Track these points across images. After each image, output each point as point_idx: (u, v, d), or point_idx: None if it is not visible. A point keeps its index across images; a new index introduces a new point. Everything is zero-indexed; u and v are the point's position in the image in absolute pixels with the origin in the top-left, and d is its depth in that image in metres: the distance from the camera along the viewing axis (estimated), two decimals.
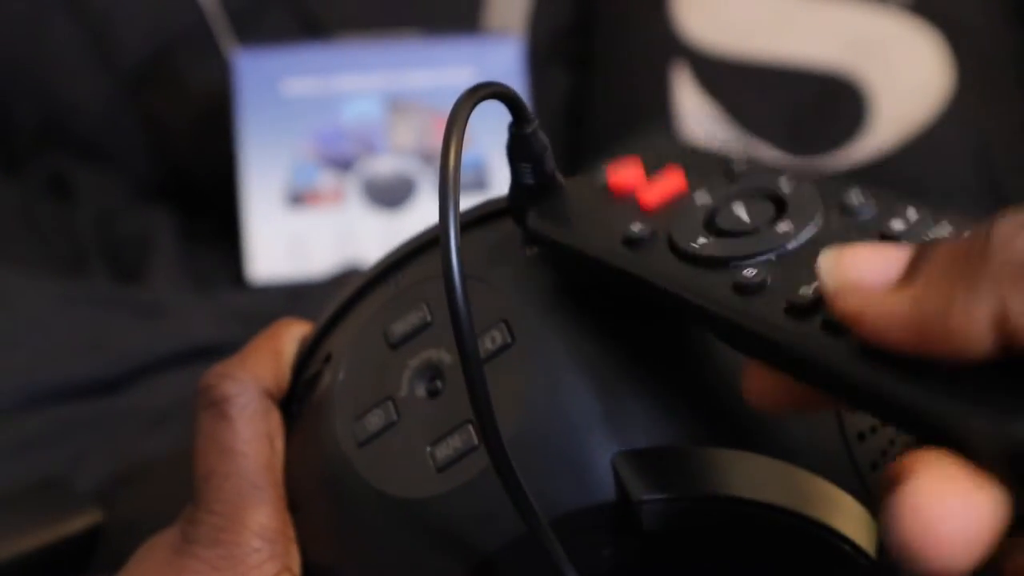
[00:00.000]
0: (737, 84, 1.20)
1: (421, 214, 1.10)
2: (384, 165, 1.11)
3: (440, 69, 1.12)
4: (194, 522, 0.43)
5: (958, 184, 1.17)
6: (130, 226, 1.14)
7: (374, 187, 1.10)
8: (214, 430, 0.44)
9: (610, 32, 1.26)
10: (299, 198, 1.09)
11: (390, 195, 1.11)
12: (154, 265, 1.06)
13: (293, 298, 0.96)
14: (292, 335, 0.46)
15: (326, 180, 1.10)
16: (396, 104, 1.11)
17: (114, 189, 1.22)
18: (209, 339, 0.82)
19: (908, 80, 1.19)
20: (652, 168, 0.42)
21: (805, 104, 1.19)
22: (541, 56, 1.25)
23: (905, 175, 1.17)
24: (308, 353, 0.46)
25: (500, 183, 1.11)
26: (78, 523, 0.53)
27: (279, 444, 0.44)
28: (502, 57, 1.12)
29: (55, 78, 1.22)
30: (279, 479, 0.43)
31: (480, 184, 1.11)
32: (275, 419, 0.44)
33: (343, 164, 1.10)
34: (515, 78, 1.12)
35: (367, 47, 1.13)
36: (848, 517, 0.38)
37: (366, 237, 1.09)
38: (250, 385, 0.44)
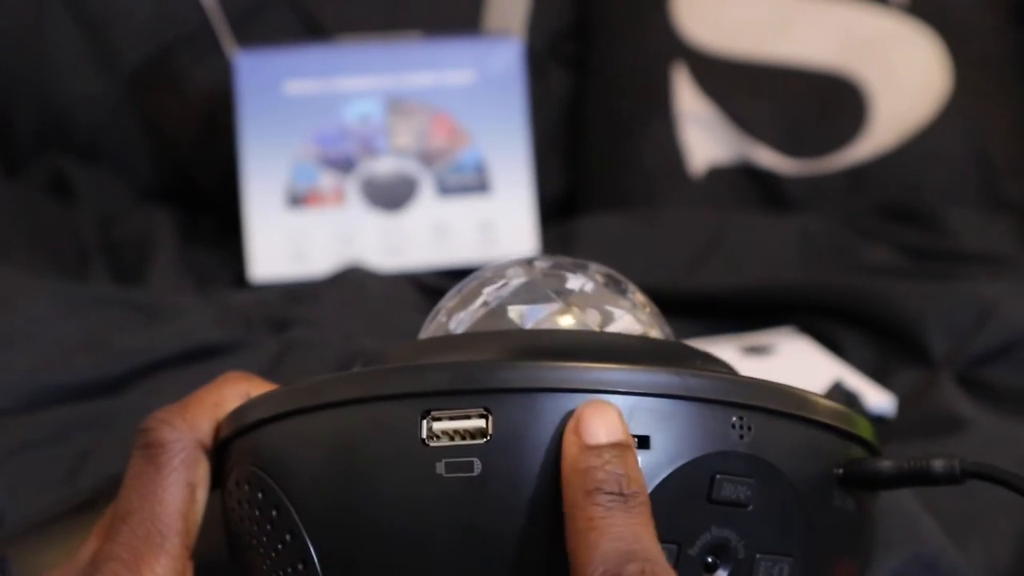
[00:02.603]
0: (736, 84, 1.20)
1: (421, 214, 1.11)
2: (384, 166, 1.11)
3: (440, 70, 1.12)
4: (99, 564, 0.45)
5: (956, 184, 1.17)
6: (131, 226, 1.14)
7: (374, 188, 1.11)
8: (142, 472, 0.46)
9: (610, 33, 1.26)
10: (300, 199, 1.09)
11: (390, 196, 1.11)
12: (155, 265, 1.06)
13: (293, 298, 0.96)
14: (236, 390, 0.48)
15: (326, 181, 1.10)
16: (396, 105, 1.11)
17: (115, 190, 1.22)
18: (210, 339, 0.82)
19: (906, 80, 1.19)
20: None
21: (804, 104, 1.19)
22: (541, 57, 1.25)
23: (903, 175, 1.17)
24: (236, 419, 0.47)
25: (501, 184, 1.11)
26: None
27: (201, 494, 0.47)
28: (502, 58, 1.12)
29: (56, 79, 1.22)
30: (190, 529, 0.46)
31: (482, 186, 1.11)
32: (203, 470, 0.47)
33: (343, 165, 1.10)
34: (515, 79, 1.12)
35: (367, 48, 1.13)
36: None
37: (366, 238, 1.09)
38: (185, 434, 0.46)
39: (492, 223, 1.11)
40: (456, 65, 1.12)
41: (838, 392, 0.77)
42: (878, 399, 0.80)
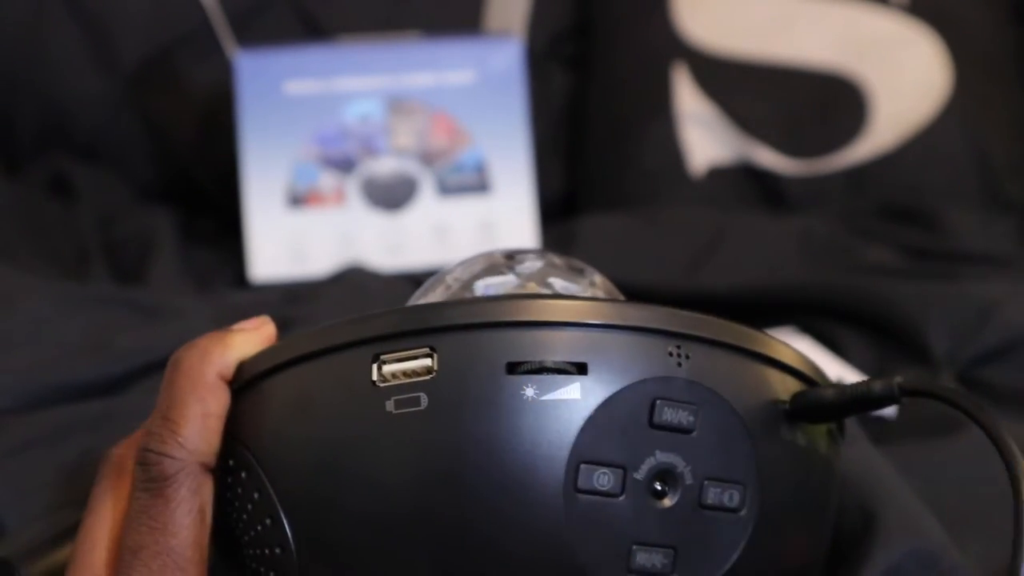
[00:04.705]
0: (737, 84, 1.20)
1: (421, 214, 1.11)
2: (385, 166, 1.11)
3: (440, 70, 1.12)
4: None
5: (956, 184, 1.17)
6: (131, 226, 1.14)
7: (375, 188, 1.11)
8: (149, 506, 0.45)
9: (610, 33, 1.26)
10: (300, 199, 1.09)
11: (391, 196, 1.11)
12: (155, 265, 1.06)
13: (293, 298, 0.96)
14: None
15: (327, 181, 1.10)
16: (397, 105, 1.11)
17: (115, 190, 1.22)
18: None
19: (907, 80, 1.19)
20: None
21: (805, 104, 1.19)
22: (541, 57, 1.25)
23: (904, 175, 1.17)
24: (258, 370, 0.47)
25: (501, 184, 1.11)
26: None
27: (209, 513, 0.46)
28: (502, 58, 1.12)
29: (56, 79, 1.22)
30: (204, 555, 0.46)
31: (482, 186, 1.11)
32: (208, 490, 0.46)
33: (344, 165, 1.10)
34: (515, 79, 1.12)
35: (368, 48, 1.13)
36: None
37: (367, 238, 1.10)
38: (189, 462, 0.46)
39: (492, 223, 1.11)
40: (456, 65, 1.12)
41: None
42: None
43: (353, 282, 1.00)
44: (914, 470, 0.65)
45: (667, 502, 0.43)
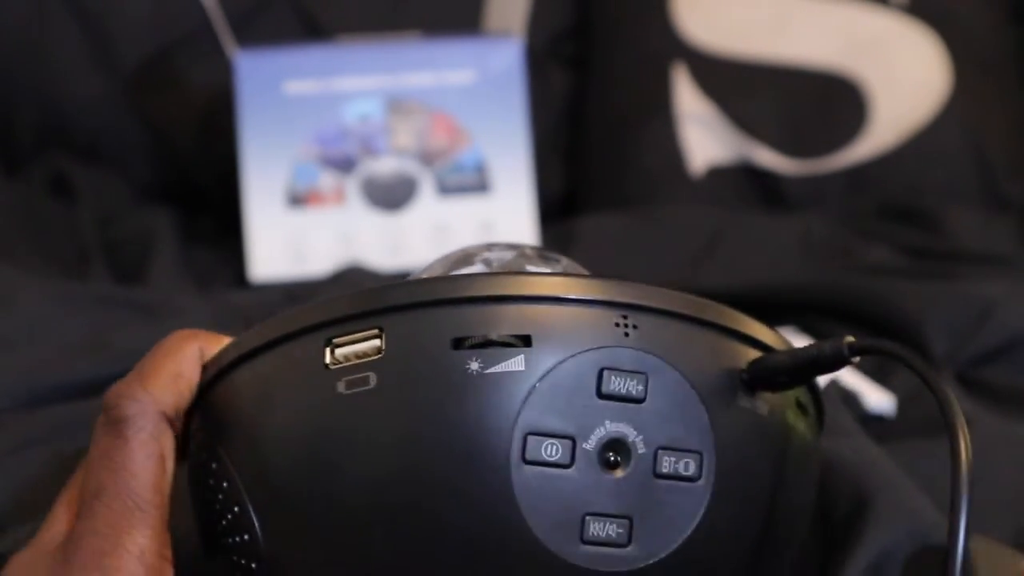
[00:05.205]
0: (737, 84, 1.20)
1: (421, 214, 1.11)
2: (384, 166, 1.11)
3: (440, 70, 1.12)
4: (77, 541, 0.45)
5: (956, 184, 1.17)
6: (131, 226, 1.14)
7: (374, 188, 1.11)
8: (109, 448, 0.46)
9: (610, 33, 1.26)
10: (300, 198, 1.09)
11: (390, 196, 1.11)
12: (155, 265, 1.06)
13: (293, 298, 0.96)
14: (189, 354, 0.48)
15: (327, 181, 1.10)
16: (396, 105, 1.11)
17: (115, 189, 1.22)
18: None
19: (906, 80, 1.19)
20: None
21: (804, 104, 1.19)
22: (541, 57, 1.25)
23: (904, 175, 1.17)
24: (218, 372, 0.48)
25: (501, 184, 1.11)
26: None
27: (170, 465, 0.47)
28: (502, 58, 1.12)
29: (56, 79, 1.22)
30: (165, 501, 0.46)
31: (482, 186, 1.11)
32: (168, 441, 0.47)
33: (344, 165, 1.10)
34: (515, 79, 1.12)
35: (368, 48, 1.13)
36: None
37: (366, 237, 1.10)
38: (149, 407, 0.46)
39: (492, 223, 1.11)
40: (456, 65, 1.12)
41: (834, 391, 0.77)
42: (878, 399, 0.80)
43: (353, 282, 1.00)
44: (914, 469, 0.65)
45: (620, 472, 0.43)
